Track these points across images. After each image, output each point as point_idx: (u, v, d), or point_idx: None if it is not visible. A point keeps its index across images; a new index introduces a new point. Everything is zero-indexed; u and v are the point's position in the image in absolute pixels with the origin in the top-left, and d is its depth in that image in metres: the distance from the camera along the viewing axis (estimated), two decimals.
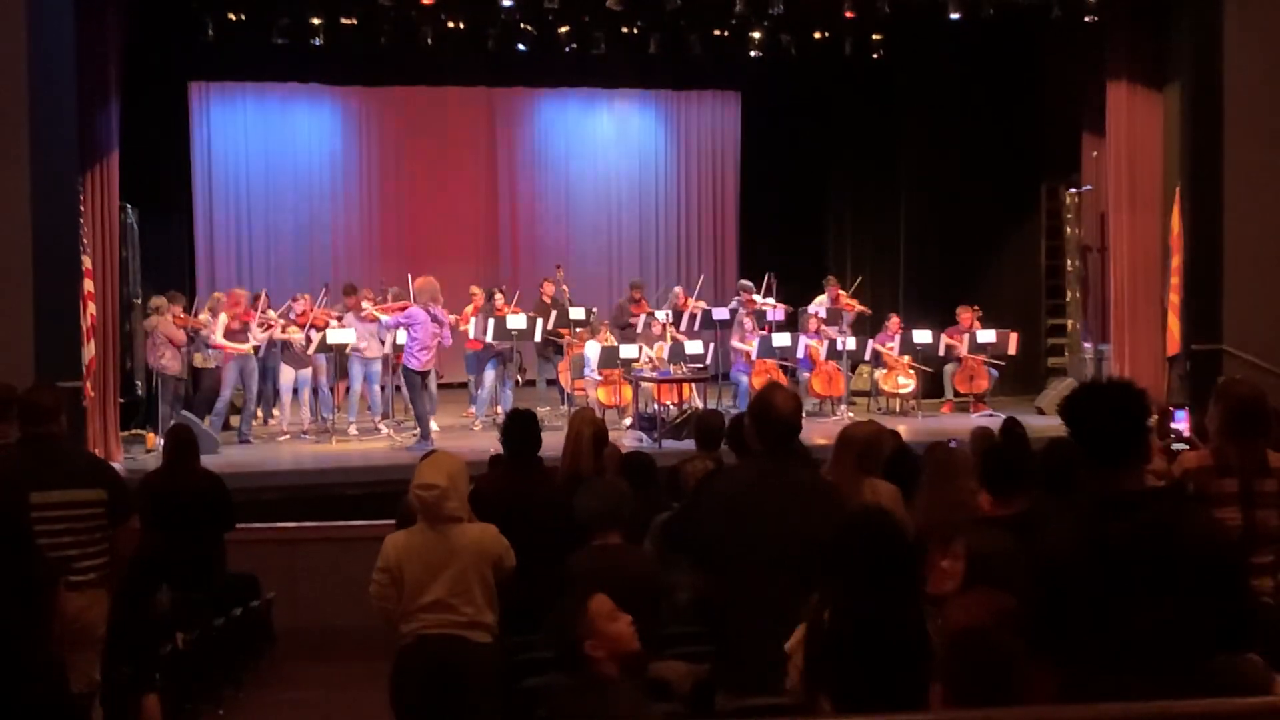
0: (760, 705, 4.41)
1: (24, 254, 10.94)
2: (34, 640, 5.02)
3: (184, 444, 8.55)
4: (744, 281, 17.20)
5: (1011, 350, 16.44)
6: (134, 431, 14.38)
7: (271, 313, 14.86)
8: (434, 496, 5.69)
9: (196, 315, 15.10)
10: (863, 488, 5.81)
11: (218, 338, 14.21)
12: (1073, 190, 17.23)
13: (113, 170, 13.04)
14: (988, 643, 3.61)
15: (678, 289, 17.23)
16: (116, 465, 10.91)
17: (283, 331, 14.63)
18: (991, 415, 15.44)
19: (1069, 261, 17.75)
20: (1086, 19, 15.53)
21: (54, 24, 11.15)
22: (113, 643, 6.21)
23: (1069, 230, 17.60)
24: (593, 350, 15.30)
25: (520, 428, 6.86)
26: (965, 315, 16.55)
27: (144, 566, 6.72)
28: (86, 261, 12.04)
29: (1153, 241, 14.92)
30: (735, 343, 16.04)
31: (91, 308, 12.10)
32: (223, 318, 14.29)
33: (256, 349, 14.46)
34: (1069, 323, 17.85)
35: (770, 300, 16.80)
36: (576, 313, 16.09)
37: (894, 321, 16.80)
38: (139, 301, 14.00)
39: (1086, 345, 16.58)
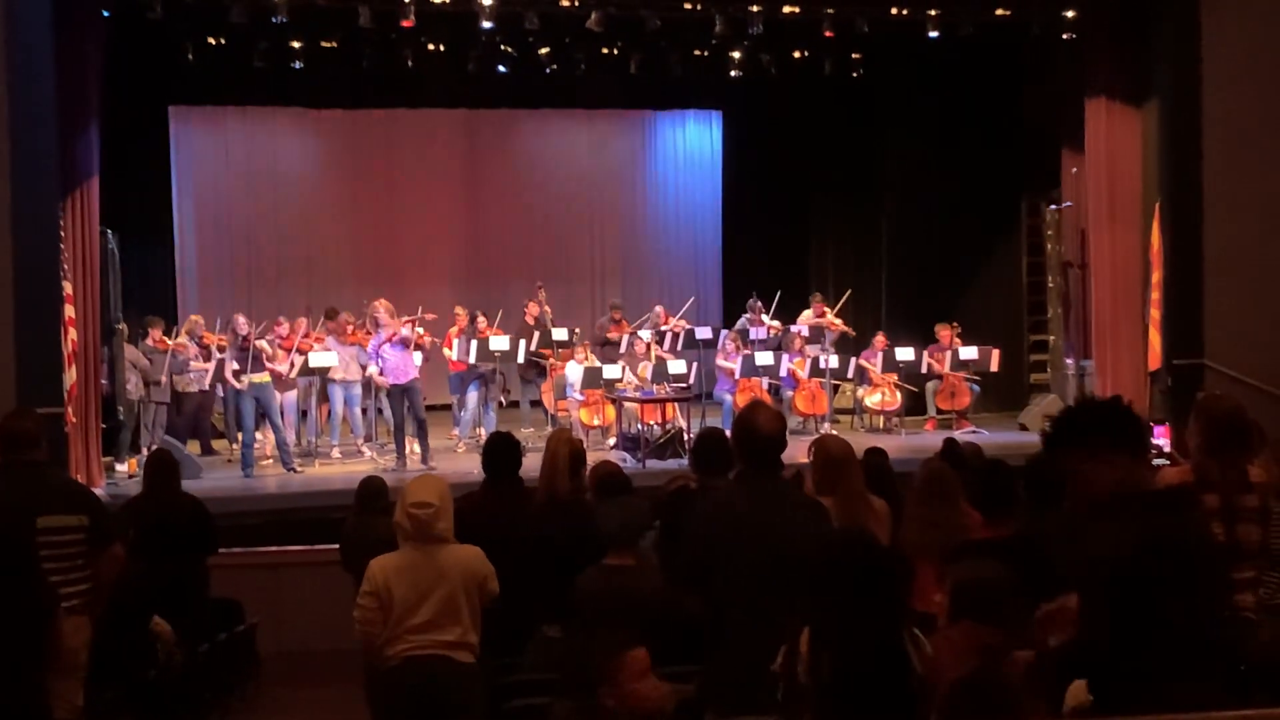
0: None
1: (5, 279, 10.91)
2: (32, 668, 5.01)
3: (165, 468, 8.52)
4: (753, 301, 17.16)
5: (994, 367, 16.47)
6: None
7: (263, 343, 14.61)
8: (428, 515, 5.69)
9: (175, 338, 15.06)
10: (863, 504, 5.82)
11: (229, 368, 13.96)
12: (1053, 206, 17.29)
13: (93, 195, 13.00)
14: (984, 692, 3.58)
15: (659, 308, 17.24)
16: (98, 491, 10.87)
17: (268, 359, 14.32)
18: (975, 432, 15.48)
19: (1050, 278, 17.80)
20: (1065, 36, 15.61)
21: (33, 49, 11.14)
22: (96, 669, 6.18)
23: (1050, 246, 17.66)
24: (574, 371, 15.29)
25: (500, 450, 6.87)
26: (944, 333, 16.60)
27: (127, 593, 6.69)
28: (67, 287, 12.00)
29: (1133, 257, 14.97)
30: (720, 361, 16.04)
31: (73, 333, 12.06)
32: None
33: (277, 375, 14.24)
34: (1051, 339, 17.90)
35: (775, 323, 16.84)
36: (560, 333, 16.09)
37: (880, 339, 16.84)
38: (120, 326, 13.93)
39: (1069, 361, 16.62)
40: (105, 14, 13.47)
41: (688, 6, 15.36)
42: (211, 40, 16.41)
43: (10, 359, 10.82)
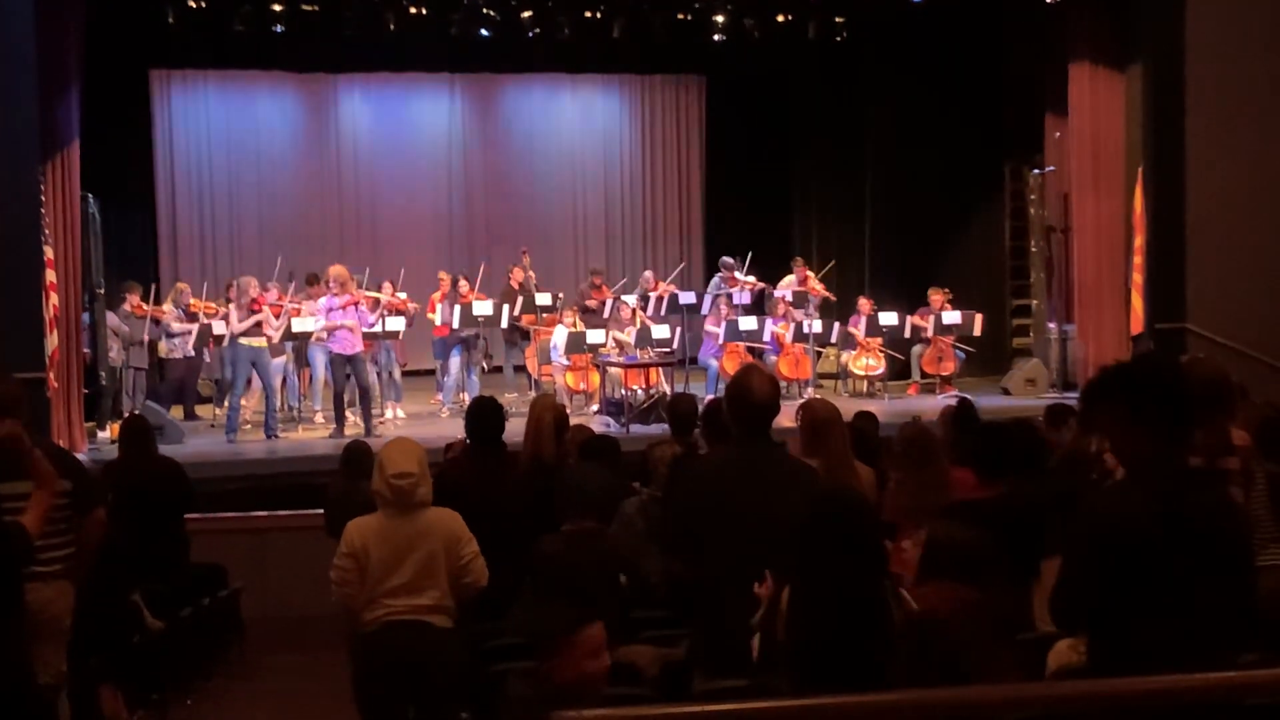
0: (737, 687, 4.41)
1: None
2: (4, 630, 5.00)
3: (140, 433, 8.53)
4: (725, 259, 17.18)
5: (977, 331, 16.48)
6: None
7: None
8: (409, 484, 5.69)
9: (160, 304, 15.00)
10: (848, 468, 5.84)
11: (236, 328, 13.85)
12: (1036, 171, 17.28)
13: (74, 159, 12.94)
14: (940, 631, 3.60)
15: (648, 273, 17.22)
16: (81, 456, 10.84)
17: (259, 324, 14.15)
18: (958, 396, 15.50)
19: (1033, 242, 17.81)
20: (1048, 0, 15.57)
21: (13, 13, 11.05)
22: (79, 634, 6.18)
23: (1032, 211, 17.66)
24: (559, 335, 15.27)
25: (484, 415, 6.86)
26: (936, 297, 16.56)
27: (110, 557, 6.68)
28: (49, 252, 11.96)
29: (1116, 221, 14.99)
30: (710, 326, 16.01)
31: (54, 298, 12.02)
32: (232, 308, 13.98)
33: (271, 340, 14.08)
34: (1034, 303, 17.92)
35: (750, 279, 16.84)
36: (543, 298, 16.06)
37: (865, 303, 16.82)
38: (102, 291, 13.87)
39: (1051, 326, 16.64)
40: None
41: None
42: (193, 4, 16.31)
43: None
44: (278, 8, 16.44)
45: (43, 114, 11.73)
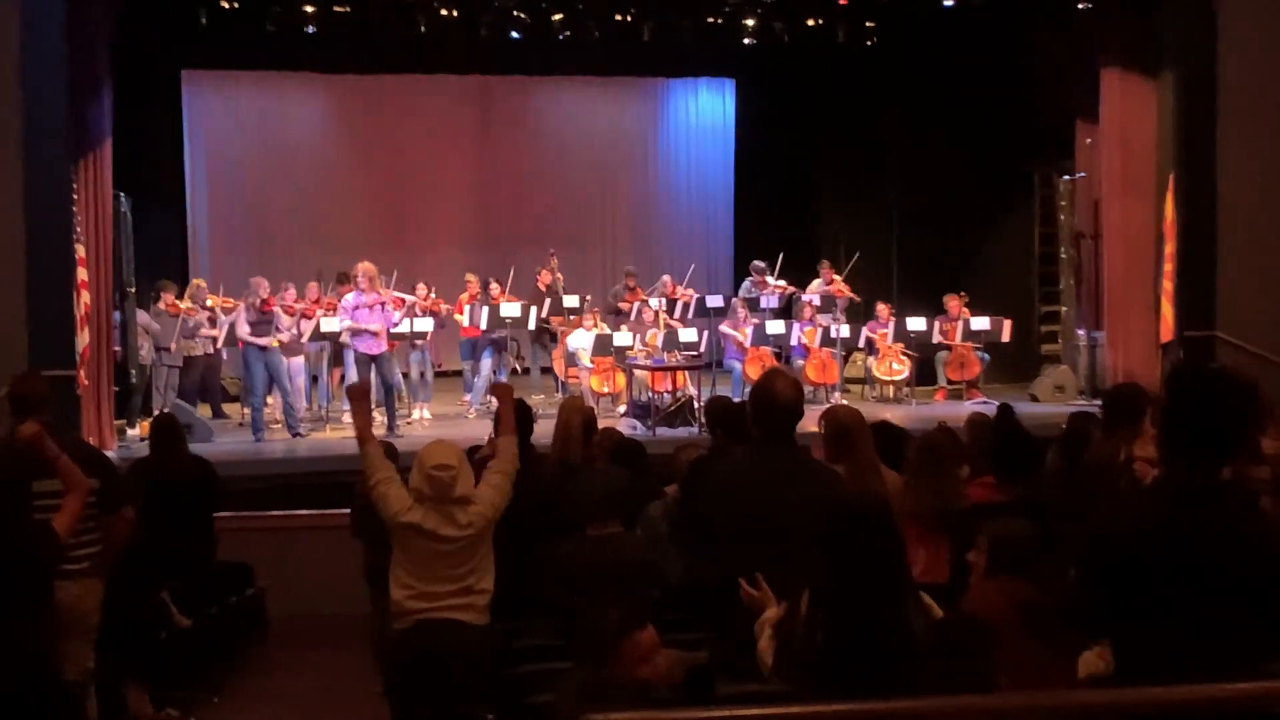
0: (759, 691, 4.41)
1: (17, 242, 10.92)
2: (31, 629, 5.03)
3: (170, 431, 8.57)
4: (756, 263, 17.17)
5: (1005, 337, 16.43)
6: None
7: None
8: (449, 478, 5.71)
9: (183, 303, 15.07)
10: (873, 474, 5.82)
11: (242, 328, 13.95)
12: (1066, 177, 17.21)
13: (105, 158, 12.99)
14: (984, 632, 3.60)
15: (665, 277, 17.21)
16: (110, 454, 10.90)
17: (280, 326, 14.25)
18: (986, 403, 15.45)
19: (1062, 249, 17.74)
20: (1080, 5, 15.51)
21: (45, 13, 11.11)
22: (107, 631, 6.22)
23: (1062, 217, 17.58)
24: (581, 338, 15.28)
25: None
26: (953, 303, 16.54)
27: (138, 555, 6.73)
28: (80, 250, 12.01)
29: (1146, 228, 14.90)
30: (724, 328, 16.01)
31: (85, 296, 12.07)
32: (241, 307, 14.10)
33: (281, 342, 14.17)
34: (1062, 310, 17.85)
35: (780, 283, 16.82)
36: (571, 300, 16.08)
37: (883, 309, 16.80)
38: (133, 290, 13.96)
39: (1080, 332, 16.57)
40: None
41: None
42: (224, 4, 16.38)
43: (22, 322, 10.84)
44: (309, 9, 16.51)
45: (75, 113, 11.78)
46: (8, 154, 10.93)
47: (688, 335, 15.22)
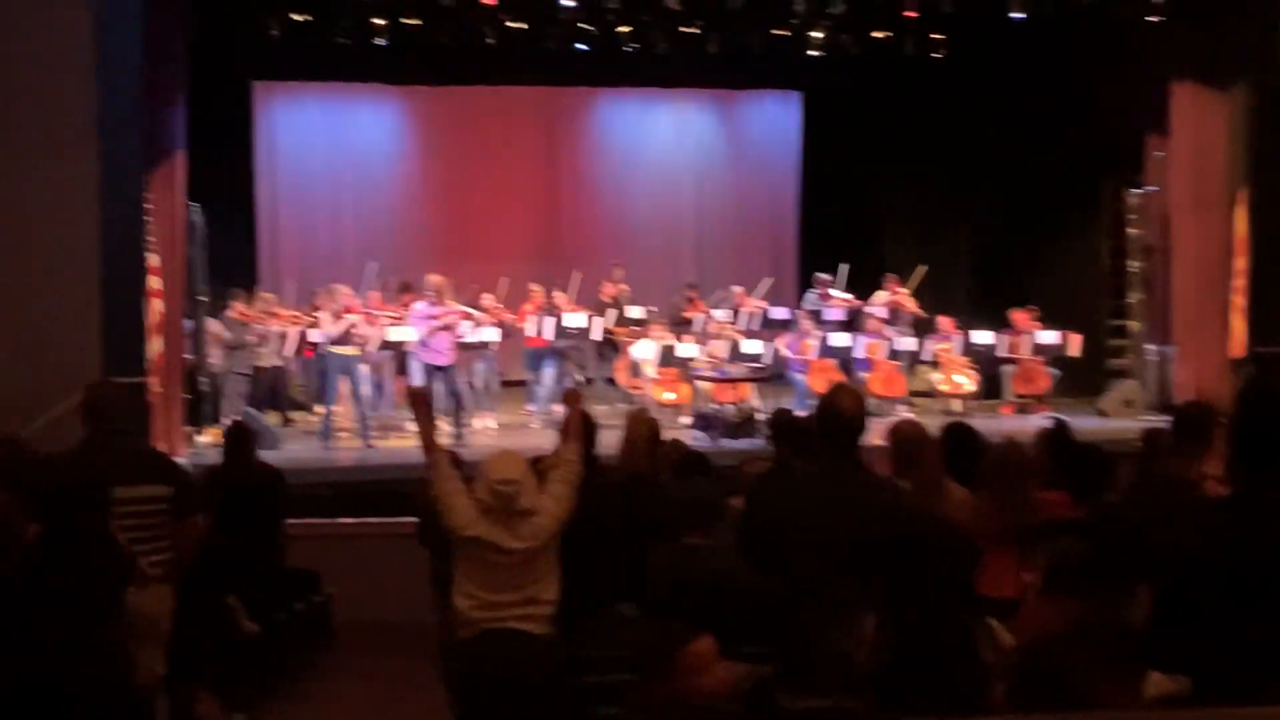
0: (822, 708, 4.41)
1: (91, 250, 11.03)
2: (104, 635, 5.11)
3: (242, 439, 8.66)
4: (819, 275, 17.14)
5: (1075, 352, 16.30)
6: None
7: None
8: (513, 491, 5.73)
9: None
10: (937, 490, 5.80)
11: (323, 334, 14.03)
12: (1136, 191, 17.07)
13: (179, 168, 13.17)
14: (1056, 653, 3.58)
15: (737, 288, 17.20)
16: (181, 460, 11.03)
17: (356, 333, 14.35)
18: (1053, 418, 15.30)
19: (1131, 262, 17.58)
20: (1150, 18, 15.39)
21: (121, 24, 11.25)
22: (177, 636, 6.29)
23: (1132, 231, 17.44)
24: (645, 349, 15.30)
25: None
26: (1020, 317, 16.41)
27: (209, 561, 6.80)
28: (153, 259, 12.16)
29: (1217, 243, 14.76)
30: (783, 348, 15.88)
31: (158, 304, 12.23)
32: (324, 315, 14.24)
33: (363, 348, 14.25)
34: (1130, 324, 17.68)
35: (845, 295, 16.78)
36: (635, 311, 16.13)
37: (946, 322, 16.69)
38: (205, 299, 14.14)
39: (1149, 347, 16.41)
40: None
41: None
42: (296, 16, 16.55)
43: (96, 329, 10.96)
44: (379, 21, 16.65)
45: (149, 124, 11.94)
46: (83, 162, 11.04)
47: (752, 347, 15.20)
